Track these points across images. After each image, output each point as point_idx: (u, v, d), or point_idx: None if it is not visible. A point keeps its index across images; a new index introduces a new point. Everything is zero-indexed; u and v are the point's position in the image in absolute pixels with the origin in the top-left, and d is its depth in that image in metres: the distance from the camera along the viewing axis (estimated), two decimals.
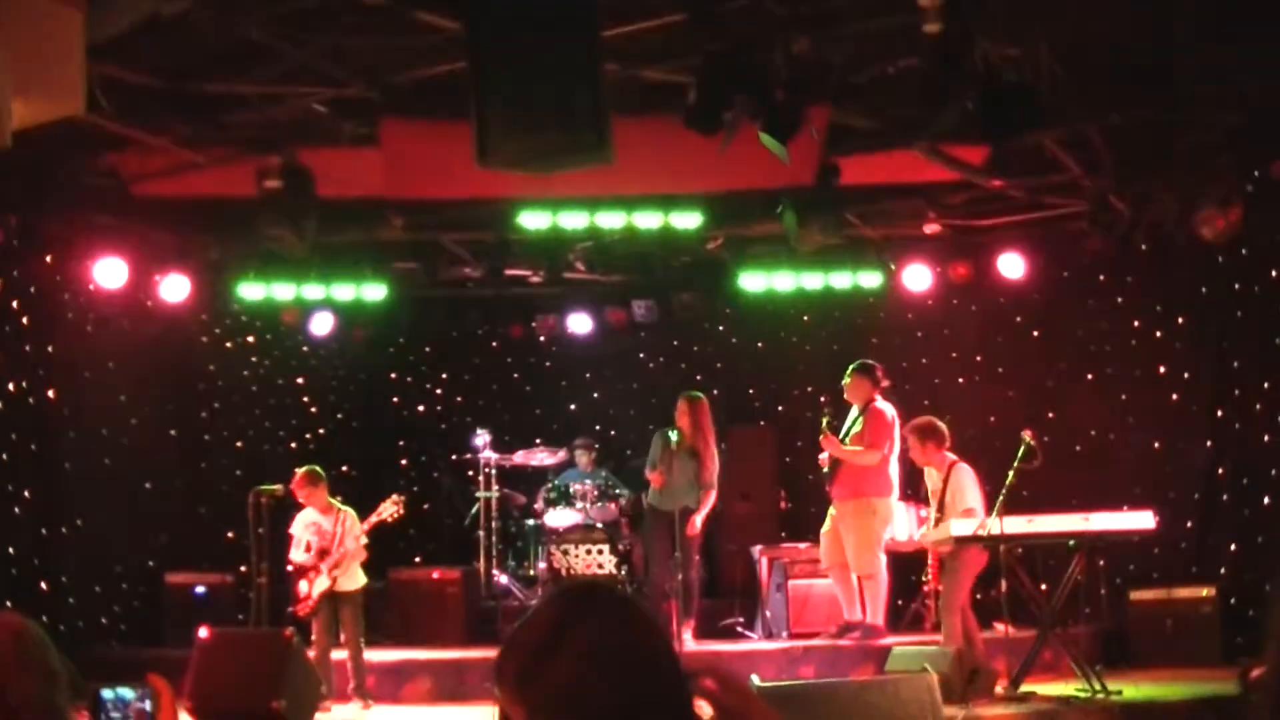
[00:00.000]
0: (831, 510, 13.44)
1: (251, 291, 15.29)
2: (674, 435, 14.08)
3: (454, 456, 17.31)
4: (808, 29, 9.83)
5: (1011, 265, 15.39)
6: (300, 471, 12.76)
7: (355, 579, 12.54)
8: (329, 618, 12.37)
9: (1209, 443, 14.39)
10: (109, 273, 14.28)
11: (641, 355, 18.42)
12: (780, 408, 17.84)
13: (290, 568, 12.64)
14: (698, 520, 13.92)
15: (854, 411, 13.53)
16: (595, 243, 15.20)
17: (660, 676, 2.51)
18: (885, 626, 13.35)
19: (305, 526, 12.62)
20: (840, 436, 13.40)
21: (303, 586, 12.48)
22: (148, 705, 3.35)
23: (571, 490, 16.02)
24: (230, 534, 15.10)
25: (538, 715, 2.47)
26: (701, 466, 14.10)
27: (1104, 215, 13.45)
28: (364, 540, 12.53)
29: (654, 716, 2.47)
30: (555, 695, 2.46)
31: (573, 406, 18.44)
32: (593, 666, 2.45)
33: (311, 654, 11.95)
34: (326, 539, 12.49)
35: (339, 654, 12.41)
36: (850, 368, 13.59)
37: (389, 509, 12.67)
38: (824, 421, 13.45)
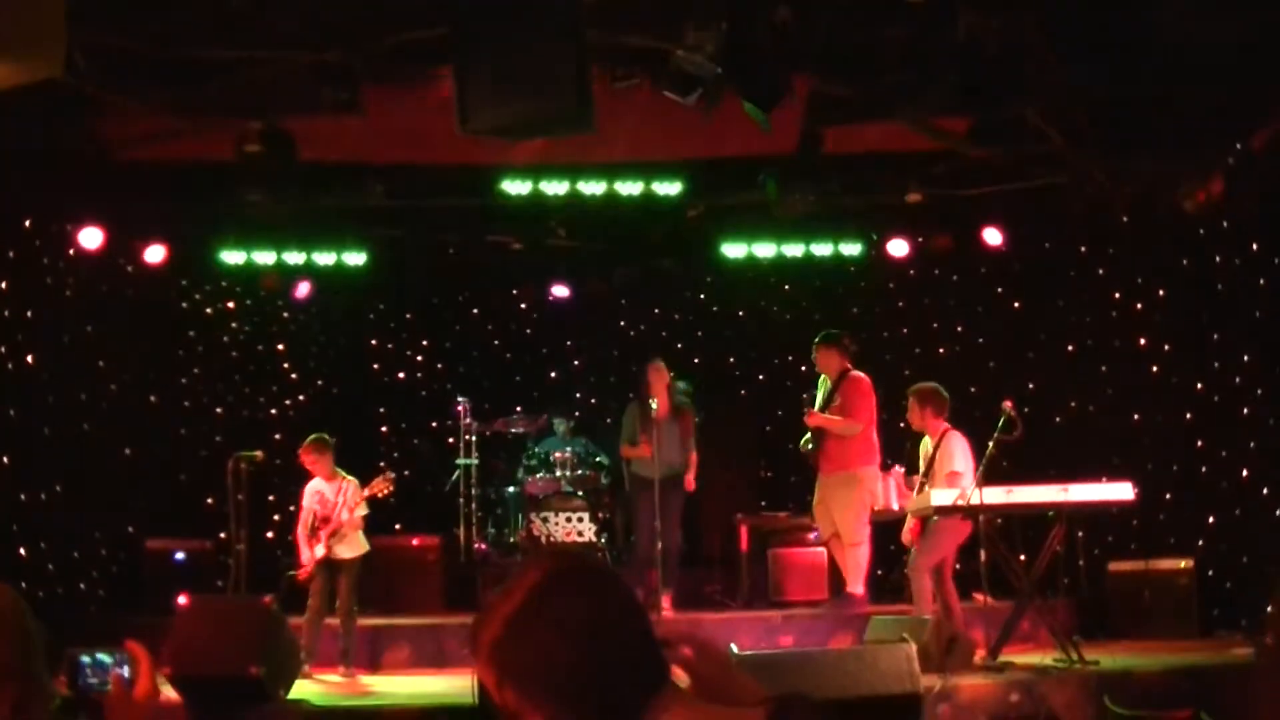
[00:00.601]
0: (818, 484, 13.47)
1: (231, 257, 15.29)
2: (654, 403, 14.09)
3: (434, 423, 17.31)
4: None
5: (993, 235, 15.39)
6: (308, 440, 12.75)
7: (354, 547, 12.51)
8: (325, 585, 12.36)
9: (1188, 414, 14.43)
10: (88, 237, 14.23)
11: (622, 323, 18.39)
12: (761, 376, 17.86)
13: (294, 536, 12.67)
14: (692, 476, 14.19)
15: (825, 382, 13.54)
16: (576, 210, 15.18)
17: (634, 648, 2.51)
18: (865, 597, 13.37)
19: (311, 495, 12.63)
20: (817, 409, 13.43)
21: (304, 554, 12.49)
22: (125, 671, 3.34)
23: (551, 458, 16.02)
24: (209, 500, 15.08)
25: (511, 682, 2.48)
26: (685, 429, 14.19)
27: (1086, 186, 13.46)
28: (362, 510, 12.51)
29: (627, 688, 2.47)
30: (529, 664, 2.47)
31: (553, 374, 18.41)
32: (566, 637, 2.46)
33: (305, 619, 11.99)
34: (328, 507, 12.49)
35: (331, 620, 12.41)
36: (816, 340, 13.59)
37: (380, 485, 12.66)
38: (805, 409, 13.51)
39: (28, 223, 14.07)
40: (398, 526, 16.32)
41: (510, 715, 2.50)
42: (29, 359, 13.94)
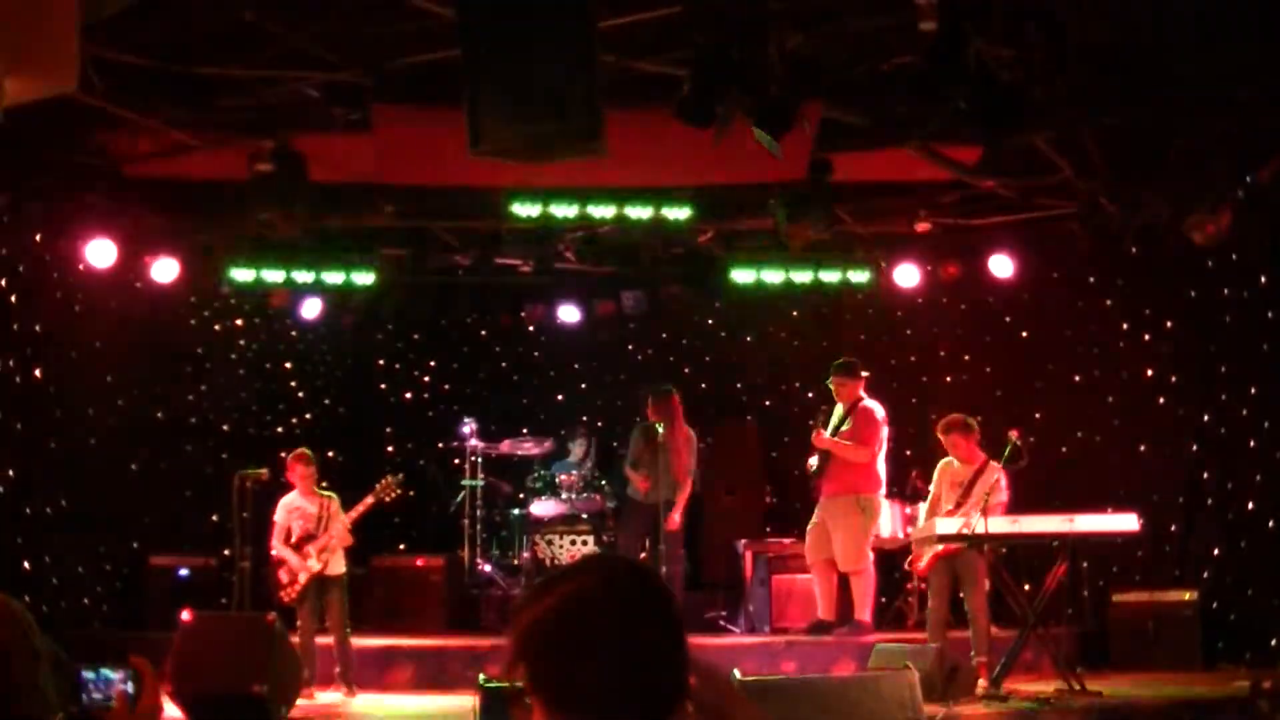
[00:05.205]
0: (818, 507, 13.45)
1: (241, 274, 15.27)
2: (661, 428, 14.09)
3: (440, 444, 17.31)
4: (803, 25, 9.84)
5: (1001, 265, 15.40)
6: (294, 453, 12.74)
7: (340, 564, 12.51)
8: (315, 603, 12.34)
9: (1194, 446, 14.40)
10: (98, 252, 14.26)
11: (630, 347, 18.41)
12: (767, 402, 17.85)
13: (272, 553, 12.59)
14: (677, 516, 14.07)
15: (839, 410, 13.52)
16: (586, 233, 15.20)
17: (655, 675, 2.51)
18: (872, 623, 13.36)
19: (289, 512, 12.57)
20: (828, 434, 13.42)
21: (283, 574, 12.42)
22: (130, 687, 3.34)
23: (557, 480, 16.03)
24: (214, 517, 15.09)
25: (524, 667, 2.48)
26: (678, 459, 14.14)
27: (1095, 217, 13.48)
28: (349, 527, 12.51)
29: (634, 710, 2.47)
30: (543, 663, 2.47)
31: (560, 397, 18.42)
32: (588, 654, 2.45)
33: (296, 640, 11.95)
34: (312, 523, 12.45)
35: (324, 639, 12.39)
36: (832, 369, 13.56)
37: (387, 489, 12.70)
38: (811, 423, 13.49)
39: (38, 237, 14.11)
40: (402, 546, 16.34)
41: (515, 690, 2.50)
42: (37, 373, 13.97)
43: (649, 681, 2.48)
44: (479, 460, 16.32)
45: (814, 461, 13.45)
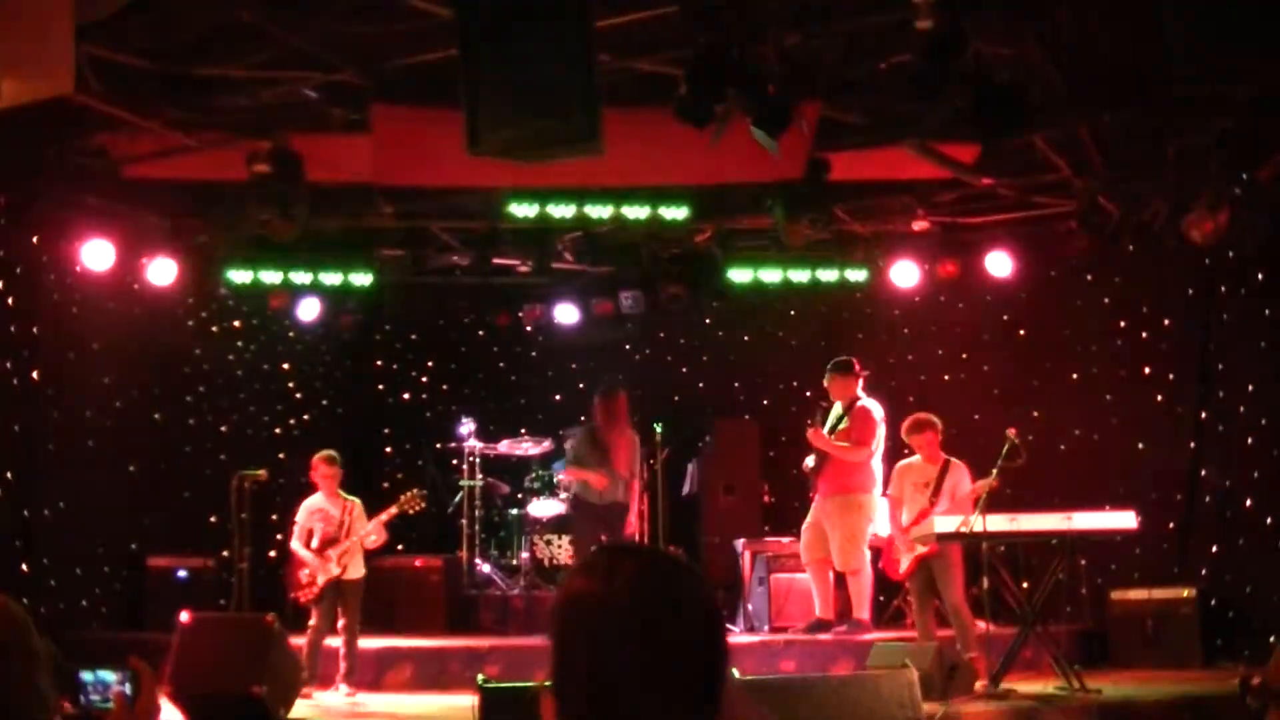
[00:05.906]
0: (814, 506, 13.45)
1: (239, 276, 15.27)
2: (661, 428, 14.06)
3: (438, 445, 17.30)
4: (800, 24, 9.83)
5: (999, 264, 15.41)
6: (319, 455, 12.77)
7: (359, 568, 12.57)
8: (331, 605, 12.38)
9: (1192, 444, 14.41)
10: (96, 254, 14.26)
11: (628, 347, 18.39)
12: (765, 401, 17.84)
13: (292, 554, 12.62)
14: (633, 519, 14.03)
15: (837, 408, 13.52)
16: (583, 233, 15.18)
17: (665, 683, 2.47)
18: (870, 622, 13.36)
19: (311, 514, 12.61)
20: (825, 433, 13.41)
21: (302, 574, 12.44)
22: (128, 688, 3.34)
23: (555, 480, 16.02)
24: (213, 518, 15.07)
25: (549, 646, 2.46)
26: (617, 459, 14.05)
27: (1093, 215, 13.47)
28: (375, 533, 12.56)
29: (639, 710, 2.45)
30: (561, 652, 2.45)
31: (558, 397, 18.40)
32: (607, 663, 2.41)
33: (306, 639, 11.98)
34: (333, 526, 12.49)
35: (332, 640, 12.41)
36: (828, 368, 13.57)
37: (412, 501, 12.75)
38: (809, 422, 13.48)
39: (35, 238, 14.10)
40: (400, 547, 16.31)
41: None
42: (34, 375, 13.96)
43: (644, 689, 2.43)
44: (477, 460, 16.31)
45: (810, 460, 13.45)
